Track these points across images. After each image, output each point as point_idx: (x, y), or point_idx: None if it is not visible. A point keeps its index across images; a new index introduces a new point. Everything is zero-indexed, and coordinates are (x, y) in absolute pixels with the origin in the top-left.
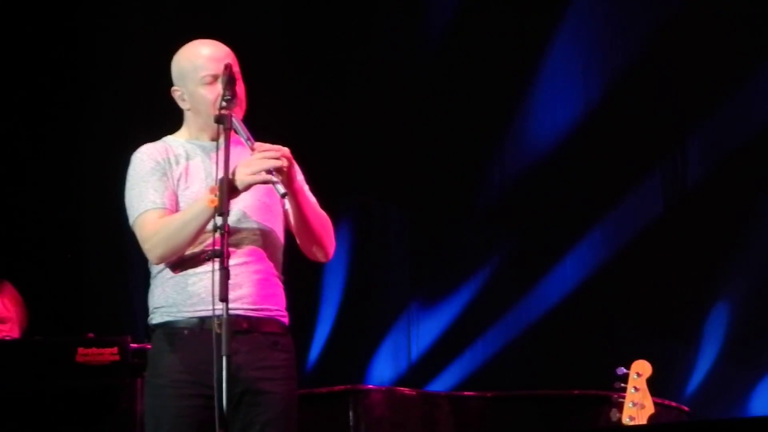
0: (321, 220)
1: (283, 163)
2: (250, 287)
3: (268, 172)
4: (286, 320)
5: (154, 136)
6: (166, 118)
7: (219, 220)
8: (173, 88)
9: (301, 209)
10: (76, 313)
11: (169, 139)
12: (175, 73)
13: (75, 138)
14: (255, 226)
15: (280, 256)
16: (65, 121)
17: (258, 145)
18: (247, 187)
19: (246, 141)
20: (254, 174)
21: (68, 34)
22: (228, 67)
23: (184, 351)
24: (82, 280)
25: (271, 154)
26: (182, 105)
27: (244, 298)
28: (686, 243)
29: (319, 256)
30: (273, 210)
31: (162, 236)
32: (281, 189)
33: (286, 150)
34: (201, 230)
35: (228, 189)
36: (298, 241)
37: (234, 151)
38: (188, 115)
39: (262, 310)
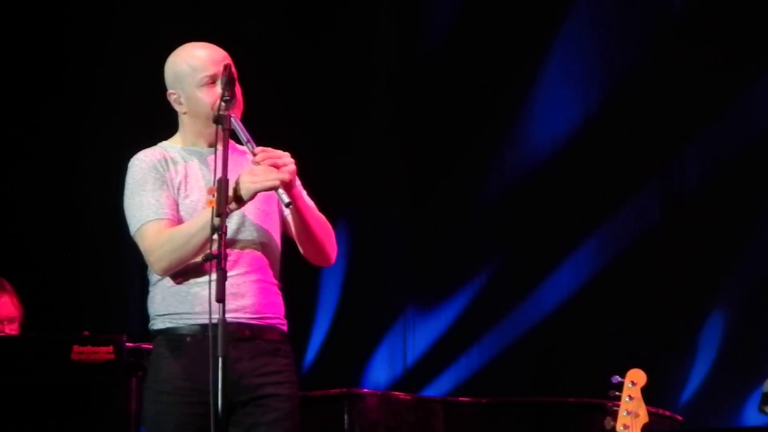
0: (322, 224)
1: (288, 175)
2: (252, 297)
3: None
4: (285, 328)
5: (156, 137)
6: (171, 120)
7: (217, 221)
8: (169, 91)
9: (302, 215)
10: (72, 311)
11: (165, 145)
12: (170, 76)
13: (76, 137)
14: (255, 234)
15: (278, 263)
16: (66, 121)
17: (261, 150)
18: (253, 195)
19: (246, 144)
20: (259, 183)
21: (69, 37)
22: (227, 68)
23: (187, 358)
24: (78, 277)
25: (276, 172)
26: (178, 109)
27: (246, 308)
28: (682, 252)
29: (322, 261)
30: (272, 217)
31: (167, 248)
32: (285, 198)
33: (287, 155)
34: (207, 241)
35: (231, 199)
36: (300, 247)
37: (231, 156)
38: (184, 119)
39: (263, 318)
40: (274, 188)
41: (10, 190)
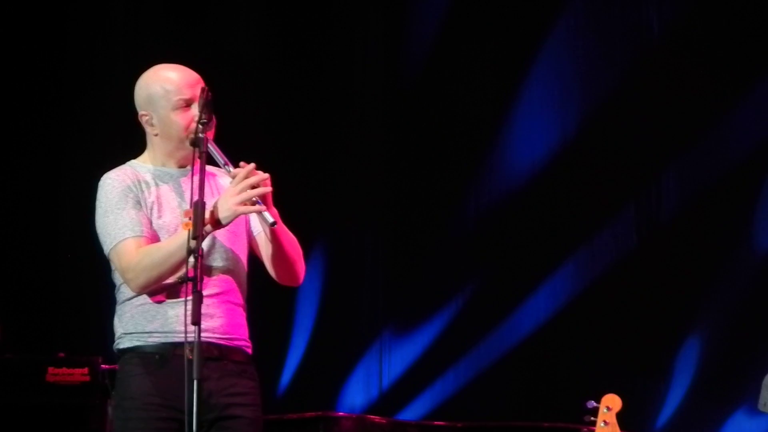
0: (294, 244)
1: (269, 189)
2: (221, 318)
3: (254, 201)
4: (250, 350)
5: (136, 156)
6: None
7: (193, 244)
8: (141, 113)
9: (278, 237)
10: (49, 332)
11: (134, 164)
12: (142, 97)
13: (56, 157)
14: (225, 256)
15: (245, 285)
16: (46, 141)
17: (238, 171)
18: (234, 218)
19: (224, 166)
20: (244, 204)
21: (57, 47)
22: (205, 90)
23: (156, 375)
24: (55, 298)
25: (257, 179)
26: (150, 130)
27: (216, 329)
28: (659, 277)
29: (291, 281)
30: (240, 239)
31: (144, 265)
32: (270, 218)
33: (266, 175)
34: (185, 260)
35: (208, 221)
36: (270, 268)
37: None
38: (155, 140)
39: (231, 339)
40: (258, 211)
41: None
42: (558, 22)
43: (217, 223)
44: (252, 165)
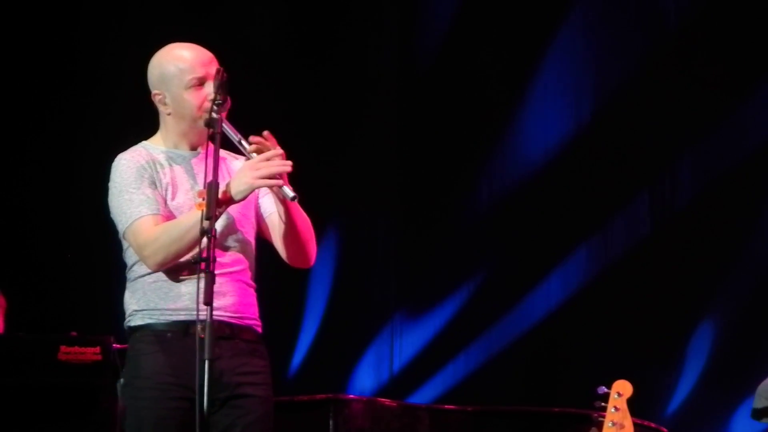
0: (307, 225)
1: (289, 167)
2: (233, 296)
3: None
4: (260, 329)
5: (147, 138)
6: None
7: (206, 224)
8: (154, 92)
9: (292, 215)
10: (61, 311)
11: (147, 145)
12: (155, 76)
13: (68, 139)
14: (237, 236)
15: (254, 265)
16: (59, 123)
17: (255, 147)
18: (249, 193)
19: (238, 143)
20: (263, 178)
21: (70, 35)
22: (220, 71)
23: (168, 354)
24: (67, 277)
25: (277, 162)
26: (163, 109)
27: (227, 307)
28: (672, 264)
29: (303, 262)
30: (250, 221)
31: (162, 242)
32: (290, 192)
33: (280, 151)
34: (203, 236)
35: (221, 201)
36: (282, 248)
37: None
38: (168, 120)
39: (242, 318)
40: (278, 185)
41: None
42: (574, 9)
43: (230, 200)
44: (279, 150)
